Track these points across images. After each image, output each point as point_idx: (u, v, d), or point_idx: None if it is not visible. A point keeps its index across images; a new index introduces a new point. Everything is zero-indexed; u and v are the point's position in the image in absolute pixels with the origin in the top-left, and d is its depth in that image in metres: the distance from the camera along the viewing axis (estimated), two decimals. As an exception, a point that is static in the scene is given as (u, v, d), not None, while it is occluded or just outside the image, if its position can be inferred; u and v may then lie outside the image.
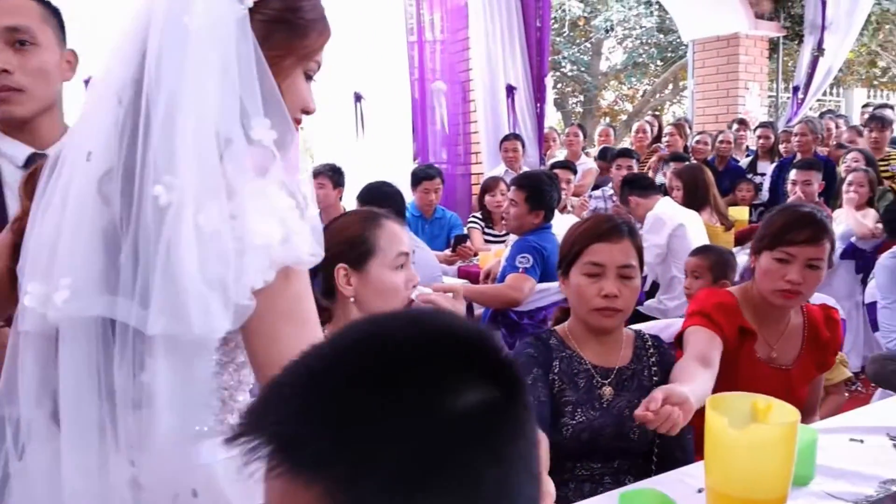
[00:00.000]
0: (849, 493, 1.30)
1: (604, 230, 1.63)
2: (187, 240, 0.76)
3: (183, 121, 0.78)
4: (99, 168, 0.80)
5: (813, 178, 4.36)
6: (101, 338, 0.80)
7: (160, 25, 0.80)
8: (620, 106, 17.11)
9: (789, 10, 8.40)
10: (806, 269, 1.75)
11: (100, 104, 0.82)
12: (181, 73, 0.79)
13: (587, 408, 1.60)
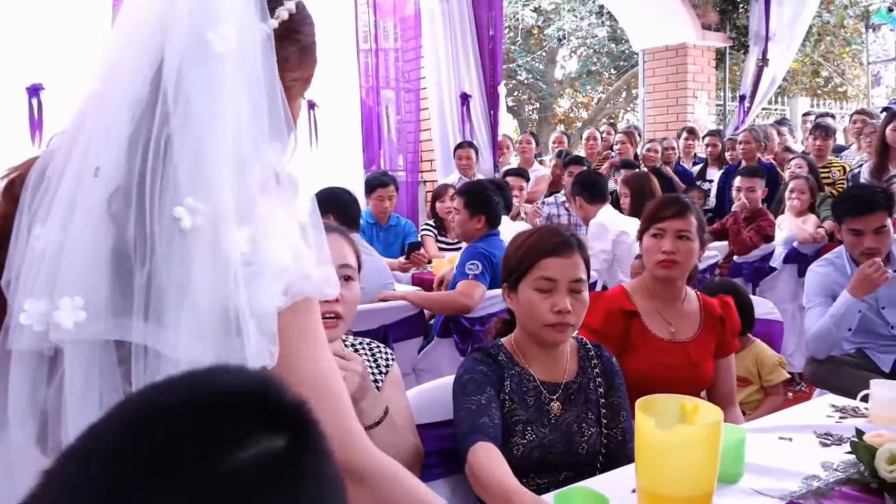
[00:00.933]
0: (775, 490, 1.35)
1: (554, 245, 1.61)
2: (212, 263, 0.75)
3: (205, 141, 0.76)
4: (109, 185, 0.76)
5: (756, 185, 4.49)
6: (107, 360, 0.78)
7: (180, 40, 0.77)
8: (576, 113, 17.36)
9: (735, 22, 8.65)
10: (677, 241, 2.00)
11: (109, 118, 0.78)
12: (204, 91, 0.76)
13: (537, 426, 1.58)
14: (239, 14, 0.79)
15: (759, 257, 4.50)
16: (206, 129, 0.76)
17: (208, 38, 0.77)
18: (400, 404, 1.64)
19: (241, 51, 0.78)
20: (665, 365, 1.96)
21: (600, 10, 12.05)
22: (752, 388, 2.68)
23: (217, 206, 0.75)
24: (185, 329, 0.75)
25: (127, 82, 0.78)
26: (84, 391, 0.77)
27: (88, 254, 0.76)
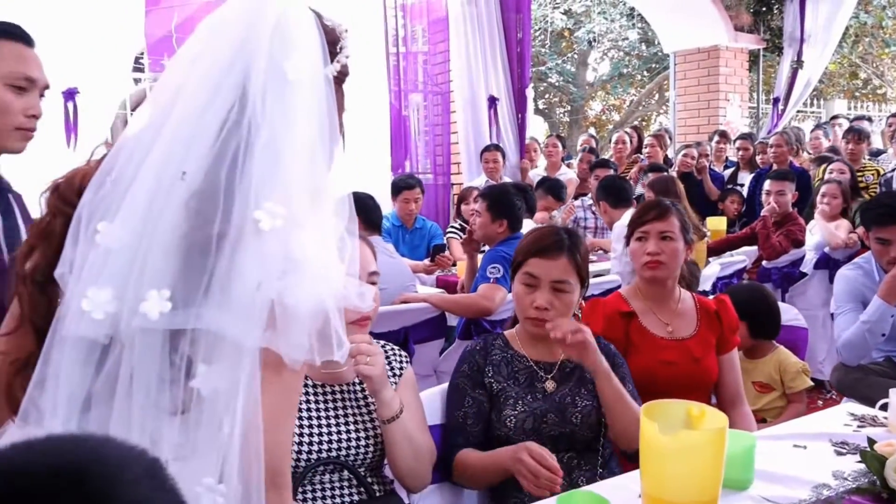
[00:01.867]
0: (784, 498, 1.33)
1: (543, 246, 1.74)
2: (281, 261, 0.82)
3: (284, 154, 0.85)
4: (191, 187, 0.83)
5: (786, 189, 4.43)
6: (166, 348, 0.82)
7: (262, 67, 0.86)
8: (608, 116, 17.25)
9: (769, 23, 8.52)
10: (661, 242, 2.06)
11: (193, 130, 0.85)
12: (283, 113, 0.86)
13: (529, 399, 1.69)
14: (309, 52, 0.90)
15: (788, 262, 4.44)
16: (284, 145, 0.85)
17: (284, 67, 0.87)
18: (414, 405, 1.67)
19: (310, 84, 0.88)
20: (667, 362, 2.00)
21: (631, 12, 11.96)
22: (774, 394, 2.65)
23: (293, 211, 0.83)
24: (253, 317, 0.81)
25: (211, 98, 0.86)
26: (139, 381, 0.82)
27: (169, 249, 0.82)
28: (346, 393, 1.61)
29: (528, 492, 1.49)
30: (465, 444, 1.69)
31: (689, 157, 5.94)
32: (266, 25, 0.88)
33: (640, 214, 2.15)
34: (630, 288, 2.19)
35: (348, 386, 1.62)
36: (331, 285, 0.85)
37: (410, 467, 1.57)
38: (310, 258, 0.84)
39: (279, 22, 0.88)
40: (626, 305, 2.10)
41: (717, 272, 3.88)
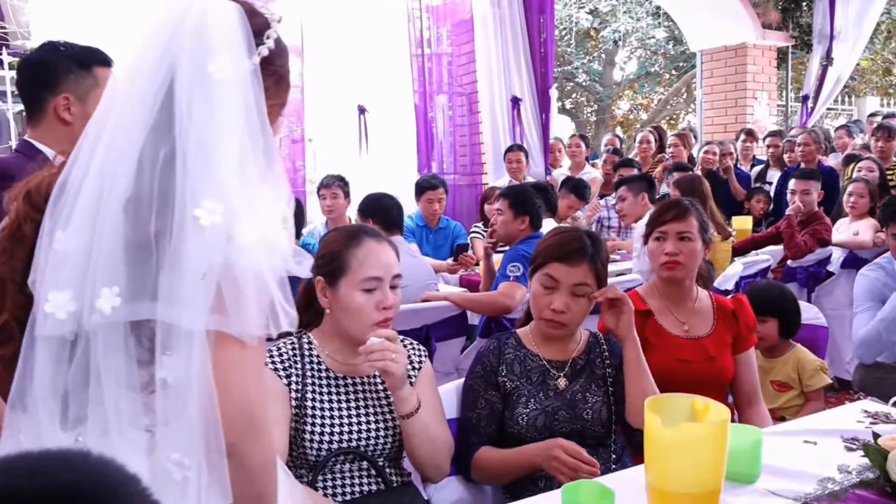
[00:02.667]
0: (790, 491, 1.36)
1: (566, 251, 1.76)
2: (223, 251, 0.90)
3: (215, 154, 0.91)
4: (126, 193, 0.91)
5: (812, 188, 4.39)
6: (127, 339, 0.92)
7: (186, 72, 0.92)
8: (635, 115, 17.14)
9: (797, 20, 8.42)
10: (679, 242, 2.08)
11: (126, 138, 0.92)
12: (212, 115, 0.92)
13: (541, 396, 1.74)
14: (231, 49, 0.94)
15: (814, 262, 4.40)
16: (216, 145, 0.91)
17: (208, 69, 0.92)
18: (432, 399, 1.71)
19: (235, 80, 0.93)
20: (682, 360, 2.02)
21: (657, 10, 11.89)
22: (792, 392, 2.65)
23: (231, 205, 0.90)
24: (199, 305, 0.89)
25: (137, 111, 0.92)
26: (107, 368, 0.91)
27: (117, 249, 0.90)
28: (367, 385, 1.66)
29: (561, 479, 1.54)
30: (480, 444, 1.74)
31: (710, 153, 5.90)
32: (186, 31, 0.93)
33: (659, 214, 2.17)
34: (647, 286, 2.21)
35: (368, 378, 1.67)
36: (273, 264, 0.92)
37: (428, 458, 1.62)
38: (251, 244, 0.91)
39: (197, 25, 0.93)
40: (643, 304, 2.12)
41: (739, 271, 3.86)
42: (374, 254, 1.61)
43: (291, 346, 1.65)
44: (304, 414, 1.58)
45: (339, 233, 1.70)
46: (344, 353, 1.66)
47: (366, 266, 1.59)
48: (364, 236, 1.64)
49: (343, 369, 1.65)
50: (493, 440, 1.74)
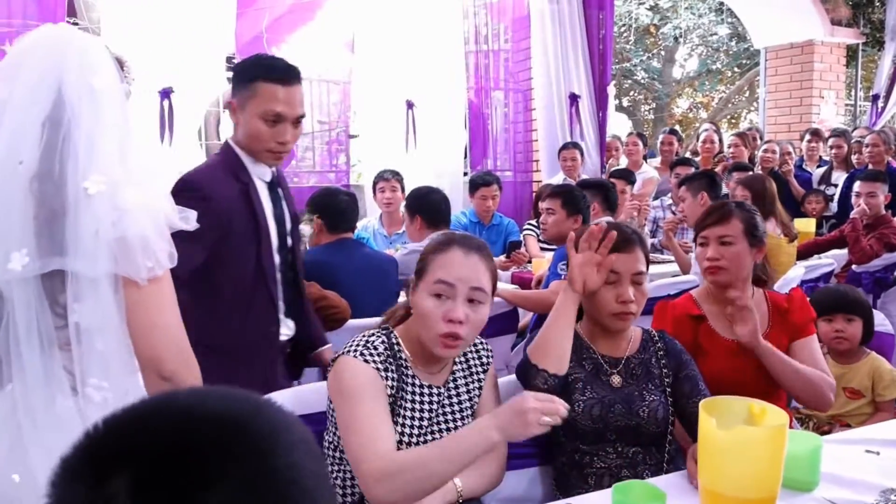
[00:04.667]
0: (850, 501, 1.32)
1: (619, 242, 1.74)
2: (112, 212, 1.19)
3: (98, 141, 1.21)
4: (29, 172, 1.17)
5: (878, 190, 4.23)
6: (41, 291, 1.18)
7: (73, 82, 1.22)
8: (694, 113, 16.79)
9: (869, 16, 8.12)
10: (721, 247, 2.05)
11: (26, 128, 1.19)
12: (95, 113, 1.22)
13: (596, 386, 1.72)
14: (108, 73, 1.27)
15: (881, 267, 4.24)
16: (98, 134, 1.21)
17: (92, 82, 1.23)
18: (492, 401, 1.70)
19: (111, 93, 1.25)
20: (735, 367, 1.96)
21: (720, 6, 11.60)
22: (863, 401, 2.57)
23: (112, 178, 1.20)
24: (99, 257, 1.18)
25: (29, 106, 1.20)
26: (27, 322, 1.16)
27: (21, 221, 1.16)
28: (442, 393, 1.64)
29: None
30: None
31: (769, 151, 5.74)
32: (72, 54, 1.24)
33: (703, 218, 2.15)
34: (702, 290, 2.17)
35: (444, 386, 1.65)
36: (154, 220, 1.23)
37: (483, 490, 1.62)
38: (131, 206, 1.20)
39: (83, 53, 1.25)
40: (696, 308, 2.09)
41: (800, 275, 3.75)
42: (455, 261, 1.55)
43: (384, 345, 1.59)
44: (395, 420, 1.55)
45: (435, 238, 1.68)
46: (424, 356, 1.62)
47: (440, 271, 1.55)
48: (454, 244, 1.59)
49: (425, 377, 1.63)
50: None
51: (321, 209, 3.11)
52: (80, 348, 1.18)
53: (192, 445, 0.54)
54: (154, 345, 1.23)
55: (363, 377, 1.50)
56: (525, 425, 1.31)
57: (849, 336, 2.56)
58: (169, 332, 1.25)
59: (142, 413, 0.57)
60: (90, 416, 1.15)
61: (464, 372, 1.69)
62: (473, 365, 1.71)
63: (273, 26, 4.97)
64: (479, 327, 1.56)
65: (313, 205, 3.14)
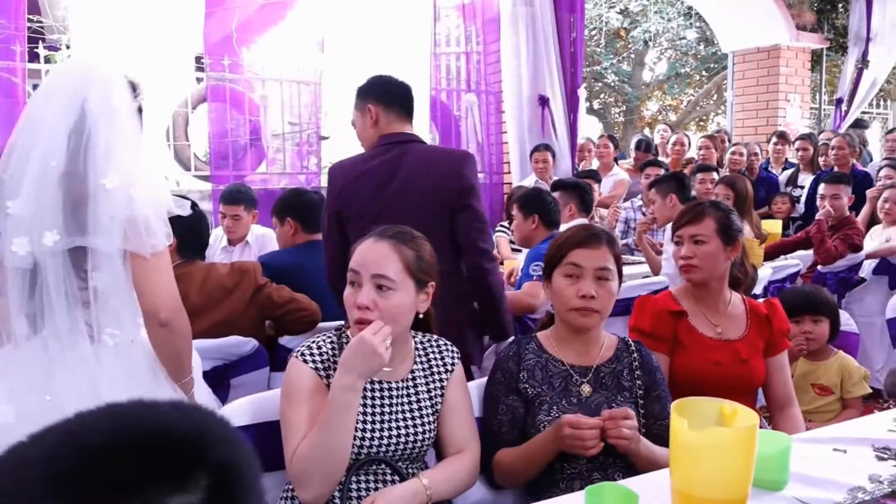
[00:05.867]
0: (819, 500, 1.33)
1: (583, 237, 1.75)
2: (125, 202, 1.53)
3: (114, 148, 1.55)
4: (59, 171, 1.52)
5: (842, 192, 4.31)
6: (68, 263, 1.53)
7: (94, 100, 1.55)
8: (664, 116, 16.98)
9: (833, 22, 8.28)
10: (694, 245, 2.09)
11: (57, 138, 1.52)
12: (112, 124, 1.55)
13: (564, 404, 1.69)
14: (124, 93, 1.61)
15: (845, 268, 4.32)
16: (114, 143, 1.55)
17: (112, 100, 1.57)
18: (463, 404, 1.70)
19: (126, 108, 1.60)
20: (714, 362, 2.00)
21: (689, 11, 11.75)
22: (831, 398, 2.62)
23: (124, 176, 1.53)
24: (113, 236, 1.53)
25: (59, 121, 1.54)
26: (56, 285, 1.51)
27: (53, 208, 1.51)
28: (399, 389, 1.63)
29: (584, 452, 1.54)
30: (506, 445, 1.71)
31: (737, 154, 5.83)
32: (93, 79, 1.58)
33: (678, 217, 2.18)
34: (681, 288, 2.19)
35: (401, 382, 1.65)
36: (156, 209, 1.58)
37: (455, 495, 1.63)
38: (139, 198, 1.54)
39: (102, 78, 1.59)
40: (677, 304, 2.11)
41: (768, 276, 3.81)
42: (363, 249, 1.58)
43: (331, 344, 1.62)
44: None
45: None
46: None
47: (352, 259, 1.59)
48: (373, 234, 1.62)
49: (378, 373, 1.60)
50: (515, 446, 1.72)
51: (294, 209, 3.08)
52: (97, 306, 1.54)
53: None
54: (154, 301, 1.56)
55: (297, 379, 1.55)
56: (377, 356, 1.44)
57: (816, 336, 2.60)
58: (167, 291, 1.59)
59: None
60: (104, 357, 1.55)
61: (423, 370, 1.68)
62: (435, 364, 1.69)
63: (243, 26, 4.92)
64: (397, 315, 1.55)
65: (284, 207, 3.11)
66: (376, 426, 1.57)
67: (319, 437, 1.45)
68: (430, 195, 2.28)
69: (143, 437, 0.53)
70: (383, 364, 1.46)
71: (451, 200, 2.28)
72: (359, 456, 1.54)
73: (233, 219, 3.78)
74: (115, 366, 1.54)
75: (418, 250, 1.61)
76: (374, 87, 2.47)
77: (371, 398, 1.60)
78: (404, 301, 1.56)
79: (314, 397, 1.53)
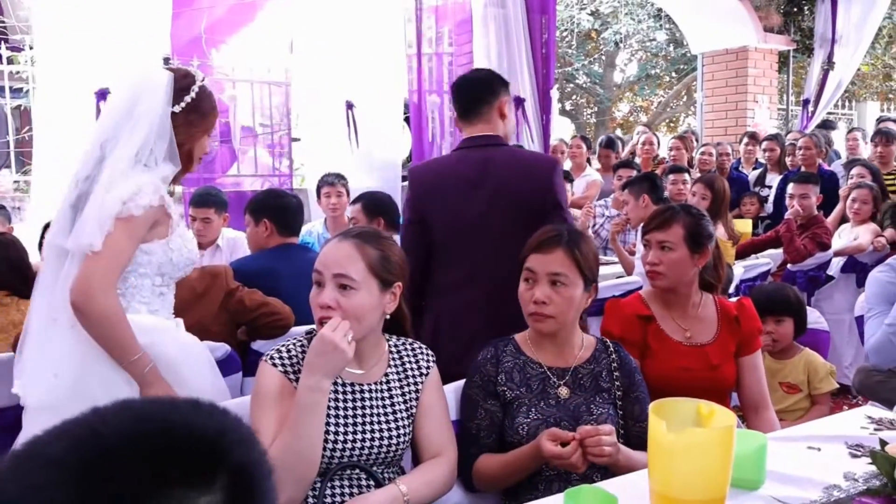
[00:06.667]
0: (795, 498, 1.34)
1: (540, 241, 1.74)
2: (126, 194, 1.72)
3: (120, 151, 1.80)
4: (79, 189, 1.78)
5: (810, 192, 4.38)
6: (60, 253, 1.78)
7: (153, 110, 1.79)
8: (635, 117, 17.14)
9: (799, 24, 8.41)
10: (660, 251, 2.07)
11: (90, 150, 1.80)
12: (131, 132, 1.79)
13: (542, 406, 1.69)
14: (158, 100, 1.79)
15: (814, 266, 4.39)
16: (124, 148, 1.80)
17: (135, 109, 1.79)
18: (439, 407, 1.68)
19: (149, 114, 1.79)
20: (683, 368, 1.99)
21: (659, 13, 11.88)
22: (800, 395, 2.64)
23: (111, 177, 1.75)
24: (97, 230, 1.70)
25: (99, 132, 1.84)
26: (50, 268, 1.80)
27: (67, 218, 1.78)
28: (373, 392, 1.62)
29: (574, 469, 1.52)
30: (479, 454, 1.71)
31: (707, 154, 5.89)
32: (137, 89, 1.81)
33: (647, 221, 2.16)
34: (650, 291, 2.18)
35: (375, 385, 1.63)
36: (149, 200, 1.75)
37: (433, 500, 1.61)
38: (127, 193, 1.71)
39: (144, 83, 1.82)
40: (646, 309, 2.09)
41: (740, 274, 3.85)
42: (327, 249, 1.58)
43: (301, 347, 1.60)
44: None
45: None
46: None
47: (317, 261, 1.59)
48: (338, 234, 1.63)
49: (351, 376, 1.60)
50: (493, 450, 1.71)
51: (271, 211, 3.02)
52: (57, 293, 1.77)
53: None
54: (71, 286, 1.70)
55: (266, 383, 1.54)
56: (343, 353, 1.42)
57: (779, 337, 2.63)
58: (82, 275, 1.70)
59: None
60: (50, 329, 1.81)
61: (398, 372, 1.66)
62: (409, 367, 1.68)
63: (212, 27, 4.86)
64: (360, 315, 1.53)
65: (261, 207, 3.05)
66: (349, 429, 1.55)
67: (288, 441, 1.43)
68: (520, 201, 2.24)
69: (167, 437, 0.53)
70: (347, 360, 1.44)
71: (541, 210, 2.23)
72: (332, 461, 1.52)
73: (203, 222, 3.73)
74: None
75: (384, 250, 1.59)
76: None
77: (343, 401, 1.58)
78: (366, 301, 1.54)
79: (284, 401, 1.51)
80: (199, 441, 0.54)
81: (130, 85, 1.81)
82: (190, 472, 0.52)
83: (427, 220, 2.30)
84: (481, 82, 2.40)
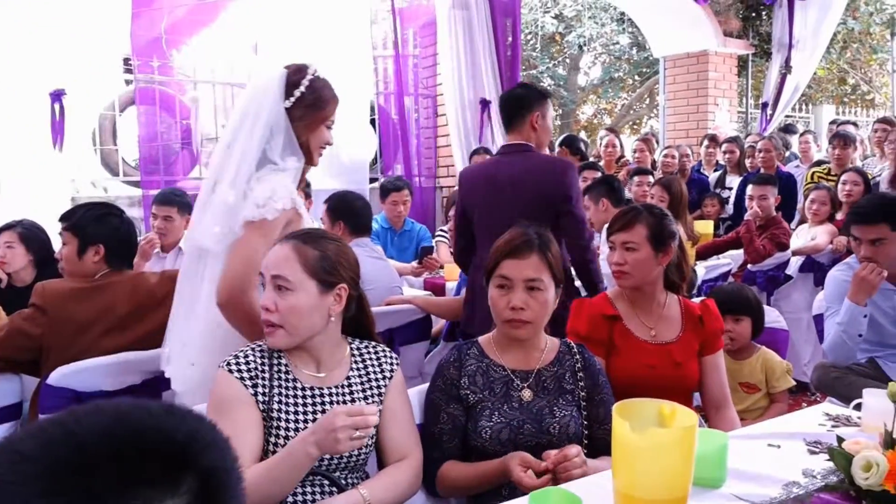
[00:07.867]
0: (755, 496, 1.35)
1: (513, 247, 1.73)
2: (261, 197, 1.84)
3: (234, 150, 1.93)
4: (212, 178, 1.97)
5: (769, 193, 4.45)
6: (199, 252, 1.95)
7: (267, 107, 1.91)
8: (599, 120, 17.31)
9: (757, 29, 8.58)
10: (625, 252, 2.10)
11: (218, 152, 1.98)
12: (251, 130, 1.92)
13: (505, 409, 1.68)
14: (271, 96, 1.91)
15: (773, 266, 4.47)
16: (245, 145, 1.92)
17: (248, 107, 1.94)
18: (403, 410, 1.67)
19: (264, 112, 1.91)
20: (648, 365, 2.01)
21: (621, 17, 12.01)
22: (759, 394, 2.68)
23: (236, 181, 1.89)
24: (216, 231, 1.88)
25: (227, 136, 1.98)
26: (189, 265, 2.01)
27: (198, 220, 1.97)
28: (334, 395, 1.60)
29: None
30: (443, 459, 1.70)
31: (669, 156, 5.97)
32: (264, 86, 1.94)
33: (611, 223, 2.19)
34: (617, 290, 2.20)
35: (337, 388, 1.61)
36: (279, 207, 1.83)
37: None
38: (262, 198, 1.82)
39: (263, 85, 1.93)
40: (612, 308, 2.12)
41: (702, 275, 3.90)
42: (270, 251, 1.60)
43: (259, 354, 1.58)
44: (272, 426, 1.52)
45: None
46: (307, 357, 1.61)
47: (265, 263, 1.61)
48: (283, 238, 1.63)
49: (311, 379, 1.59)
50: (456, 454, 1.71)
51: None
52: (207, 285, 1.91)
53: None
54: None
55: (225, 390, 1.52)
56: (336, 442, 1.35)
57: (737, 336, 2.67)
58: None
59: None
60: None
61: (360, 376, 1.65)
62: (372, 370, 1.66)
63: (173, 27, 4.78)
64: (296, 315, 1.54)
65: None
66: None
67: (261, 481, 1.41)
68: (536, 200, 2.72)
69: (138, 439, 0.54)
70: (336, 452, 1.40)
71: (554, 205, 2.72)
72: None
73: (164, 220, 3.65)
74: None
75: (323, 250, 1.57)
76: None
77: (304, 405, 1.56)
78: (303, 301, 1.53)
79: (242, 408, 1.50)
80: (169, 444, 0.54)
81: (249, 87, 1.98)
82: (157, 473, 0.52)
83: (468, 212, 2.90)
84: (518, 99, 2.91)
